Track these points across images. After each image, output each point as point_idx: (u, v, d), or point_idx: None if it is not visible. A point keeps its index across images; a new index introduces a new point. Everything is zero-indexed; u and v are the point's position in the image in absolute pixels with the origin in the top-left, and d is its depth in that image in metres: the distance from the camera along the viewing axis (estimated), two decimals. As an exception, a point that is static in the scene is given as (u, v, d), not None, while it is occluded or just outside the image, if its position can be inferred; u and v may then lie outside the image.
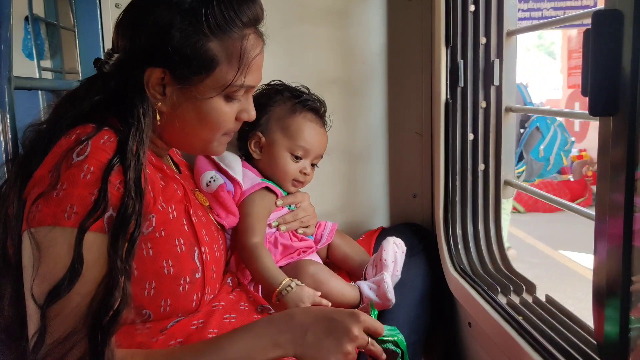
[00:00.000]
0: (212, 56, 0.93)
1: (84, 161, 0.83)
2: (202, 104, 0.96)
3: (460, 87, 1.44)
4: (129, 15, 0.96)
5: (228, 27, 0.93)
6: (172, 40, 0.90)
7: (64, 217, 0.80)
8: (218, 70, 0.95)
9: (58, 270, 0.79)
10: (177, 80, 0.94)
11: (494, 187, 1.44)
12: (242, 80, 0.97)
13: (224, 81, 0.95)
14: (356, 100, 1.66)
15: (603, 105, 0.76)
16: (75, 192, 0.81)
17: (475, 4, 1.40)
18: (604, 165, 0.80)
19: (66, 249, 0.79)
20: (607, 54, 0.74)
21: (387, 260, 1.35)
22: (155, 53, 0.91)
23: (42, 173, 0.84)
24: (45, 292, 0.78)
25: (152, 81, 0.93)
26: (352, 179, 1.70)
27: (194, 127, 0.99)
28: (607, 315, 0.82)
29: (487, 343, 1.25)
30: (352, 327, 0.89)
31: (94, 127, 0.87)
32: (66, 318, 0.79)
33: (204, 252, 0.99)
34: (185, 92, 0.95)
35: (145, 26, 0.92)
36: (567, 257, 4.76)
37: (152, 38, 0.91)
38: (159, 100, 0.95)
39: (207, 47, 0.92)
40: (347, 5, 1.61)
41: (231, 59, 0.95)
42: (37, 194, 0.81)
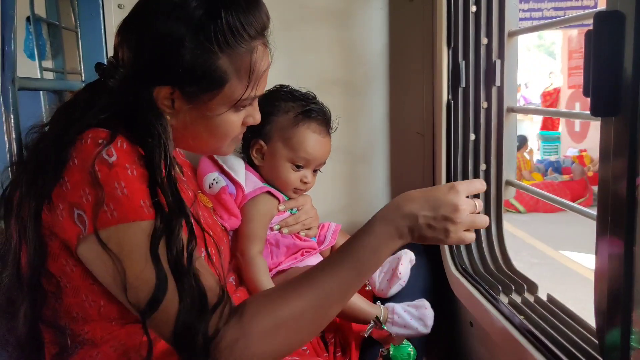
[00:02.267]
0: (222, 73, 0.92)
1: (119, 160, 0.83)
2: (213, 119, 0.96)
3: (462, 88, 1.45)
4: (134, 24, 0.94)
5: (236, 43, 0.92)
6: (181, 59, 0.89)
7: (144, 211, 0.82)
8: (228, 87, 0.94)
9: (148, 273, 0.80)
10: (187, 98, 0.93)
11: (495, 187, 1.44)
12: (252, 93, 0.96)
13: (234, 97, 0.95)
14: (358, 101, 1.67)
15: (605, 106, 0.76)
16: (136, 187, 0.82)
17: (476, 4, 1.40)
18: (605, 165, 0.80)
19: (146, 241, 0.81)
20: (608, 55, 0.74)
21: (401, 274, 1.35)
22: (163, 72, 0.91)
23: (80, 177, 0.83)
24: (146, 300, 0.80)
25: (161, 97, 0.93)
26: (354, 180, 1.71)
27: (204, 138, 0.99)
28: (609, 315, 0.83)
29: (489, 342, 1.25)
30: (456, 200, 0.89)
31: (107, 133, 0.86)
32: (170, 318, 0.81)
33: (211, 253, 0.99)
34: (195, 107, 0.95)
35: (152, 40, 0.90)
36: (567, 257, 4.76)
37: (160, 55, 0.90)
38: (168, 114, 0.95)
39: (216, 64, 0.91)
40: (348, 6, 1.62)
41: (240, 74, 0.94)
42: (97, 196, 0.81)
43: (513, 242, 5.10)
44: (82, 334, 0.91)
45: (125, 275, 0.80)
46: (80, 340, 0.92)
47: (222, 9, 0.89)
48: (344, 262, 0.89)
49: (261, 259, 1.27)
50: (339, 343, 1.33)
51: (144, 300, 0.80)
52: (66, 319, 0.91)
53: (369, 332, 1.22)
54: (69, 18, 1.99)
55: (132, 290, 0.81)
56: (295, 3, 1.61)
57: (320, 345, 1.30)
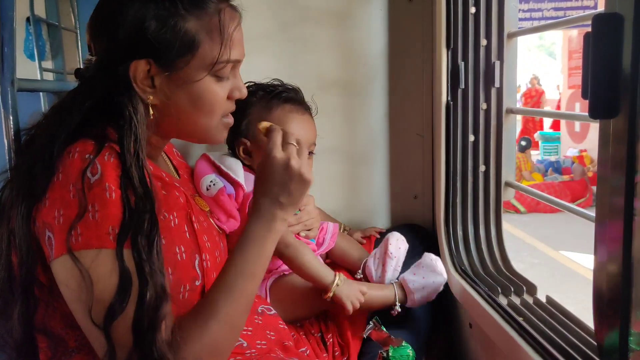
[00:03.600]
0: (193, 35, 0.92)
1: (102, 180, 0.82)
2: (194, 87, 0.95)
3: (461, 89, 1.45)
4: (101, 16, 0.95)
5: (202, 3, 0.92)
6: (149, 28, 0.89)
7: (109, 239, 0.81)
8: (202, 49, 0.93)
9: (109, 290, 0.80)
10: (163, 68, 0.92)
11: (494, 188, 1.44)
12: (228, 54, 0.95)
13: (209, 59, 0.94)
14: (357, 102, 1.67)
15: (603, 108, 0.76)
16: (109, 213, 0.82)
17: (476, 5, 1.41)
18: (604, 167, 0.80)
19: (111, 267, 0.81)
20: (607, 57, 0.74)
21: (392, 253, 1.37)
22: (135, 45, 0.90)
23: (59, 195, 0.83)
24: (103, 314, 0.80)
25: (139, 75, 0.91)
26: (353, 180, 1.71)
27: (190, 113, 0.97)
28: (608, 317, 0.83)
29: (488, 344, 1.25)
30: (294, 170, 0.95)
31: (94, 145, 0.86)
32: (128, 330, 0.81)
33: (205, 259, 0.99)
34: (175, 79, 0.93)
35: (120, 22, 0.90)
36: (567, 258, 4.77)
37: (130, 32, 0.90)
38: (150, 94, 0.93)
39: (185, 27, 0.91)
40: (348, 7, 1.62)
41: (212, 35, 0.93)
42: (70, 217, 0.81)
43: (513, 243, 5.11)
44: (78, 340, 0.91)
45: (93, 292, 0.80)
46: (77, 345, 0.92)
47: None
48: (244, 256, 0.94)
49: (301, 244, 1.30)
50: (339, 344, 1.33)
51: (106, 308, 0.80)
52: (63, 324, 0.91)
53: (368, 333, 1.22)
54: (68, 18, 2.00)
55: (97, 304, 0.80)
56: (294, 4, 1.61)
57: (319, 346, 1.30)
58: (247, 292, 0.94)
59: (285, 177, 0.95)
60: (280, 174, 0.95)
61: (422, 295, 1.33)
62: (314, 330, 1.32)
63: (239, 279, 0.93)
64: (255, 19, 1.57)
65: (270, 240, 0.96)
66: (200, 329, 0.88)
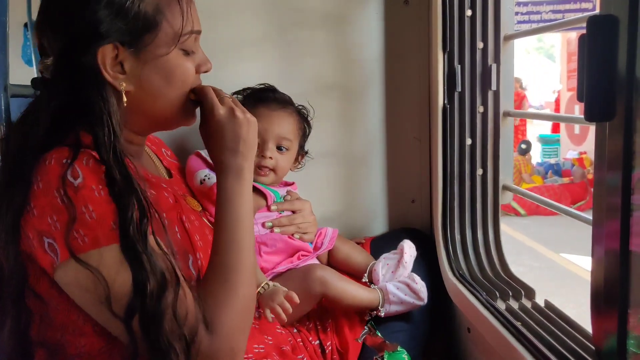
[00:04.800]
0: (153, 10, 0.91)
1: (85, 182, 0.82)
2: (164, 63, 0.94)
3: (458, 92, 1.44)
4: (53, 11, 0.92)
5: None
6: (107, 12, 0.88)
7: (115, 235, 0.81)
8: (165, 23, 0.92)
9: (127, 284, 0.81)
10: (131, 48, 0.91)
11: (492, 191, 1.43)
12: (191, 25, 0.95)
13: (174, 32, 0.93)
14: (354, 105, 1.66)
15: (599, 111, 0.76)
16: (106, 210, 0.82)
17: (472, 8, 1.40)
18: (600, 170, 0.80)
19: (120, 261, 0.81)
20: (602, 60, 0.74)
21: (407, 263, 1.39)
22: (96, 32, 0.88)
23: (46, 202, 0.82)
24: (124, 308, 0.81)
25: (108, 61, 0.89)
26: (351, 184, 1.70)
27: (164, 90, 0.96)
28: (605, 320, 0.82)
29: (486, 349, 1.24)
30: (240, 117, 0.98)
31: (69, 150, 0.85)
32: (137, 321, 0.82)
33: (198, 257, 0.99)
34: (144, 59, 0.92)
35: (75, 13, 0.88)
36: (568, 260, 4.75)
37: (88, 20, 0.88)
38: (122, 80, 0.92)
39: (144, 5, 0.90)
40: (344, 11, 1.61)
41: (171, 7, 0.93)
42: (66, 222, 0.80)
43: (514, 246, 5.09)
44: (79, 347, 0.90)
45: (109, 289, 0.80)
46: (77, 353, 0.90)
47: None
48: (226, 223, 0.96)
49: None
50: (337, 350, 1.32)
51: (127, 302, 0.81)
52: (61, 332, 0.90)
53: (363, 338, 1.21)
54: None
55: (116, 300, 0.81)
56: (291, 8, 1.60)
57: (317, 353, 1.30)
58: (247, 240, 0.96)
59: (235, 127, 0.97)
60: (229, 127, 0.97)
61: (397, 310, 1.35)
62: (312, 338, 1.31)
63: (235, 231, 0.95)
64: (251, 23, 1.58)
65: (246, 189, 0.98)
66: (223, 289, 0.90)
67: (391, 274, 1.39)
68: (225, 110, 0.97)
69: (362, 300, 1.32)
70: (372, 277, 1.41)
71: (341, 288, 1.30)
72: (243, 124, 0.97)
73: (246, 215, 0.97)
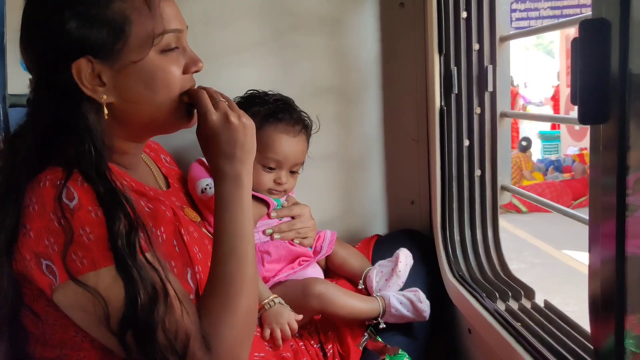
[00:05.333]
0: (121, 15, 0.88)
1: (81, 204, 0.82)
2: (142, 69, 0.91)
3: (455, 94, 1.45)
4: (25, 30, 0.91)
5: None
6: (73, 26, 0.86)
7: (113, 256, 0.81)
8: (134, 27, 0.89)
9: (120, 301, 0.81)
10: (105, 59, 0.89)
11: (490, 192, 1.44)
12: (162, 25, 0.91)
13: (146, 33, 0.90)
14: (351, 108, 1.66)
15: (593, 114, 0.76)
16: (103, 231, 0.81)
17: (467, 10, 1.40)
18: (595, 172, 0.80)
19: (114, 280, 0.81)
20: (595, 63, 0.74)
21: (401, 272, 1.37)
22: (66, 49, 0.87)
23: (42, 224, 0.82)
24: (117, 325, 0.81)
25: (85, 76, 0.88)
26: (350, 187, 1.70)
27: (147, 97, 0.93)
28: (603, 320, 0.82)
29: (487, 350, 1.25)
30: (235, 123, 0.95)
31: (62, 171, 0.85)
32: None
33: (197, 271, 0.98)
34: (120, 67, 0.90)
35: (42, 31, 0.88)
36: (570, 257, 4.75)
37: (55, 37, 0.87)
38: (103, 93, 0.90)
39: (109, 12, 0.88)
40: (340, 14, 1.62)
41: (140, 11, 0.90)
42: (63, 244, 0.80)
43: (515, 243, 5.10)
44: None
45: (107, 308, 0.81)
46: None
47: None
48: (226, 231, 0.95)
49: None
50: (338, 353, 1.32)
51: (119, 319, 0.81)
52: (59, 348, 0.90)
53: (364, 344, 1.21)
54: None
55: (112, 317, 0.81)
56: (286, 11, 1.61)
57: (318, 356, 1.30)
58: (248, 250, 0.94)
59: (230, 133, 0.94)
60: (224, 133, 0.94)
61: (396, 321, 1.35)
62: (314, 342, 1.31)
63: (236, 241, 0.93)
64: (247, 28, 1.58)
65: (245, 195, 0.96)
66: (224, 303, 0.89)
67: (384, 281, 1.38)
68: (218, 116, 0.94)
69: (361, 314, 1.32)
70: (367, 284, 1.41)
71: (340, 304, 1.29)
72: (239, 129, 0.94)
73: (246, 224, 0.95)
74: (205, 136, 0.96)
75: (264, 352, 1.11)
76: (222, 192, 0.96)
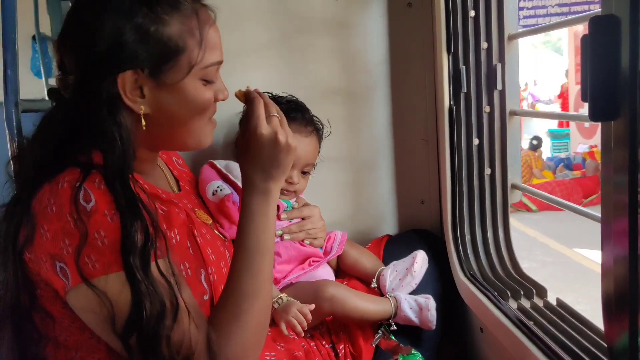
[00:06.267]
0: (177, 39, 0.90)
1: (98, 207, 0.82)
2: (184, 90, 0.93)
3: (464, 93, 1.44)
4: (75, 31, 0.91)
5: (179, 4, 0.91)
6: (131, 38, 0.87)
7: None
8: (187, 52, 0.91)
9: (126, 306, 0.81)
10: (151, 75, 0.90)
11: (501, 191, 1.43)
12: (211, 56, 0.94)
13: (194, 61, 0.92)
14: (360, 109, 1.67)
15: (603, 111, 0.76)
16: (118, 236, 0.82)
17: (475, 9, 1.40)
18: (607, 169, 0.80)
19: (122, 287, 0.81)
20: (605, 59, 0.74)
21: (416, 273, 1.38)
22: (118, 58, 0.87)
23: (59, 226, 0.82)
24: (122, 328, 0.82)
25: (128, 86, 0.89)
26: (360, 187, 1.70)
27: (182, 117, 0.96)
28: (617, 318, 0.82)
29: (499, 349, 1.24)
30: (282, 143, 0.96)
31: (81, 172, 0.85)
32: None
33: (210, 272, 0.99)
34: (163, 85, 0.92)
35: (97, 36, 0.87)
36: (582, 255, 4.72)
37: (110, 45, 0.87)
38: (141, 104, 0.91)
39: (168, 32, 0.89)
40: (347, 15, 1.62)
41: (194, 36, 0.92)
42: (76, 247, 0.81)
43: (526, 242, 5.07)
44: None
45: (115, 315, 0.81)
46: None
47: None
48: (246, 246, 0.95)
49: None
50: (350, 353, 1.33)
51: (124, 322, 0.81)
52: (75, 350, 0.91)
53: (377, 342, 1.21)
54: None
55: (117, 319, 0.81)
56: (295, 14, 1.61)
57: (330, 356, 1.30)
58: (265, 267, 0.95)
59: (274, 151, 0.96)
60: (268, 149, 0.96)
61: (404, 323, 1.35)
62: (325, 342, 1.32)
63: (254, 256, 0.94)
64: (255, 31, 1.59)
65: (271, 211, 0.98)
66: (235, 317, 0.90)
67: (398, 281, 1.39)
68: (269, 131, 0.95)
69: (373, 315, 1.33)
70: (380, 283, 1.41)
71: (351, 306, 1.30)
72: (282, 150, 0.96)
73: (268, 238, 0.96)
74: (247, 145, 0.97)
75: (275, 351, 1.11)
76: (249, 203, 0.97)
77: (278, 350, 1.13)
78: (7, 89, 1.10)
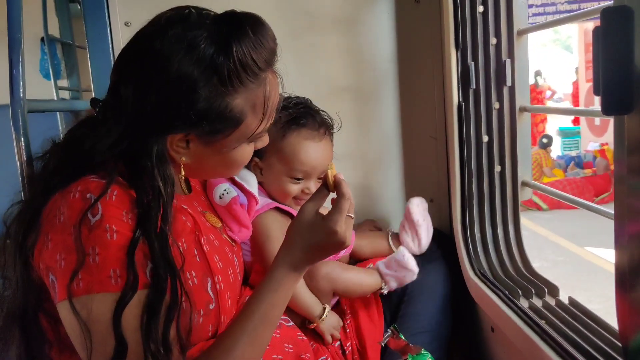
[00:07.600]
0: (238, 113, 0.88)
1: (102, 221, 0.80)
2: (230, 153, 0.94)
3: (472, 89, 1.43)
4: (139, 63, 0.86)
5: (249, 79, 0.87)
6: (196, 104, 0.84)
7: (111, 283, 0.79)
8: (244, 124, 0.90)
9: (109, 339, 0.78)
10: (201, 140, 0.90)
11: (511, 188, 1.42)
12: (267, 124, 0.94)
13: (250, 131, 0.91)
14: (369, 107, 1.66)
15: (616, 104, 0.74)
16: (111, 255, 0.80)
17: (483, 4, 1.39)
18: (620, 165, 0.78)
19: (109, 320, 0.79)
20: (617, 52, 0.72)
21: (418, 221, 1.43)
22: (177, 118, 0.85)
23: (61, 238, 0.81)
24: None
25: (176, 140, 0.89)
26: (368, 186, 1.69)
27: (219, 171, 0.99)
28: (631, 317, 0.80)
29: (511, 348, 1.23)
30: (342, 241, 0.95)
31: (97, 183, 0.83)
32: None
33: (217, 281, 0.97)
34: (211, 146, 0.91)
35: (163, 83, 0.83)
36: (593, 254, 4.68)
37: (173, 101, 0.84)
38: (183, 155, 0.91)
39: (232, 105, 0.87)
40: (355, 13, 1.61)
41: (255, 109, 0.90)
42: (71, 262, 0.79)
43: (536, 241, 5.03)
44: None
45: (91, 341, 0.78)
46: None
47: (233, 44, 0.84)
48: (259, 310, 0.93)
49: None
50: (357, 351, 1.32)
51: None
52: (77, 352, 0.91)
53: (386, 341, 1.20)
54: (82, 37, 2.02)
55: (95, 355, 0.79)
56: (302, 12, 1.61)
57: (338, 354, 1.29)
58: (265, 337, 0.94)
59: (333, 248, 0.95)
60: (332, 245, 0.95)
61: (397, 284, 1.37)
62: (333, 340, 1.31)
63: (260, 326, 0.92)
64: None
65: (291, 287, 0.97)
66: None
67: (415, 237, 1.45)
68: (342, 230, 0.94)
69: (369, 285, 1.35)
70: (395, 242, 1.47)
71: (345, 278, 1.32)
72: (337, 246, 0.95)
73: (278, 313, 0.95)
74: (312, 225, 0.95)
75: (282, 354, 1.10)
76: (279, 276, 0.95)
77: (285, 352, 1.12)
78: (13, 89, 1.09)
